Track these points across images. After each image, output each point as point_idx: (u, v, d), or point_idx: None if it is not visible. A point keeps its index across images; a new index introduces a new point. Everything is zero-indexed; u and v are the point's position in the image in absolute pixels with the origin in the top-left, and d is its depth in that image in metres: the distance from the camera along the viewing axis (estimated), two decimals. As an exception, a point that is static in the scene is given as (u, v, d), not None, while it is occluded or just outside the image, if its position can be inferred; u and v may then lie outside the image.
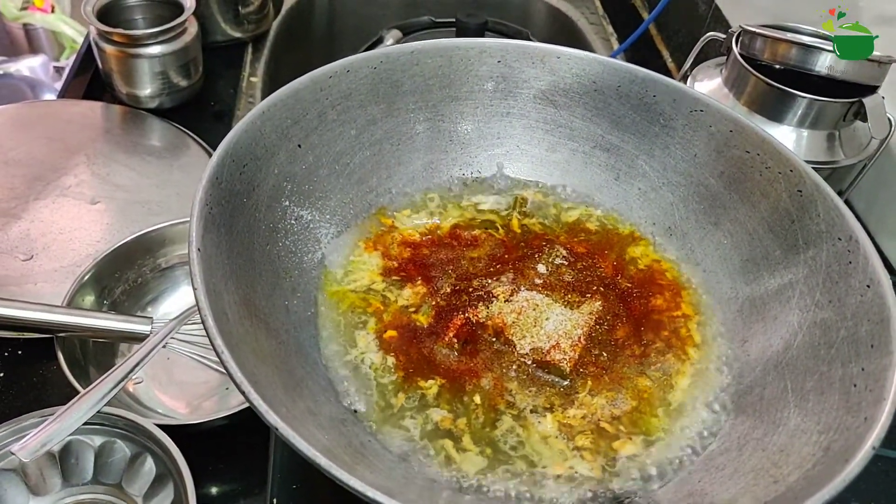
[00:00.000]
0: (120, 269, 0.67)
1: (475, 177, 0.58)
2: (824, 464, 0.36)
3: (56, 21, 1.50)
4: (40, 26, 1.51)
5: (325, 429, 0.39)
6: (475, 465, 0.41)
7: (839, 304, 0.44)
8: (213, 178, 0.42)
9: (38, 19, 1.49)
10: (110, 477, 0.55)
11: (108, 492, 0.55)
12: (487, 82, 0.56)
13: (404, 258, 0.51)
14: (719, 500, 0.38)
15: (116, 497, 0.55)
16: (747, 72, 0.67)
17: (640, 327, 0.49)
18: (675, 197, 0.55)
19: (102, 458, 0.55)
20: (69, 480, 0.54)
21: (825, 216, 0.46)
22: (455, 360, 0.46)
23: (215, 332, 0.35)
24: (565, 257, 0.52)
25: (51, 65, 1.46)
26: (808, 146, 0.66)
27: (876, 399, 0.37)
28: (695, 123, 0.53)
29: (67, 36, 1.50)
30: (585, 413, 0.44)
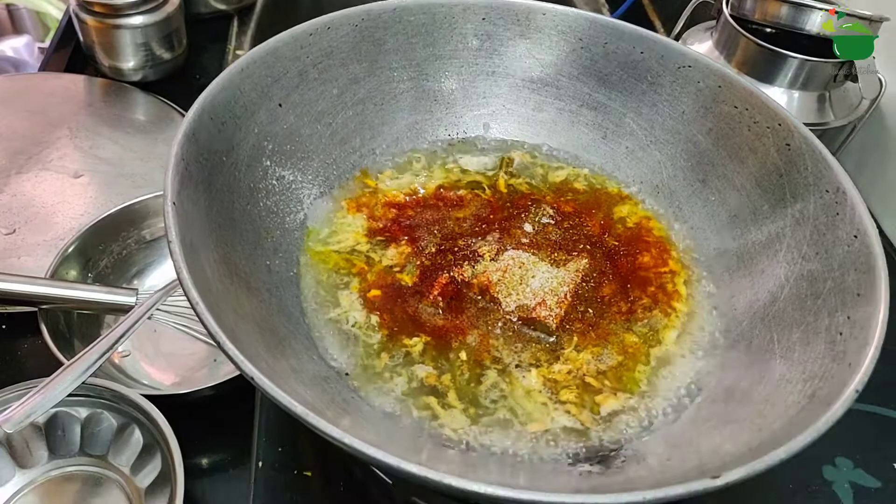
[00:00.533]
0: (104, 241, 0.67)
1: (461, 137, 0.58)
2: (809, 410, 0.36)
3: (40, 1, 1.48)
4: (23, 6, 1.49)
5: (307, 385, 0.39)
6: (460, 421, 0.41)
7: (826, 255, 0.43)
8: (190, 133, 0.41)
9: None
10: (97, 448, 0.54)
11: (95, 463, 0.54)
12: (472, 40, 0.55)
13: (389, 219, 0.51)
14: (704, 449, 0.38)
15: (104, 468, 0.54)
16: (738, 33, 0.66)
17: (627, 284, 0.48)
18: (662, 155, 0.54)
19: (89, 430, 0.54)
20: (56, 452, 0.54)
21: (813, 169, 0.46)
22: (440, 318, 0.45)
23: (190, 284, 0.34)
24: (552, 216, 0.52)
25: (35, 45, 1.44)
26: (798, 107, 0.66)
27: (860, 345, 0.37)
28: (682, 80, 0.53)
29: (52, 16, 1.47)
30: (571, 368, 0.44)
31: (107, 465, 0.54)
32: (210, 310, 0.34)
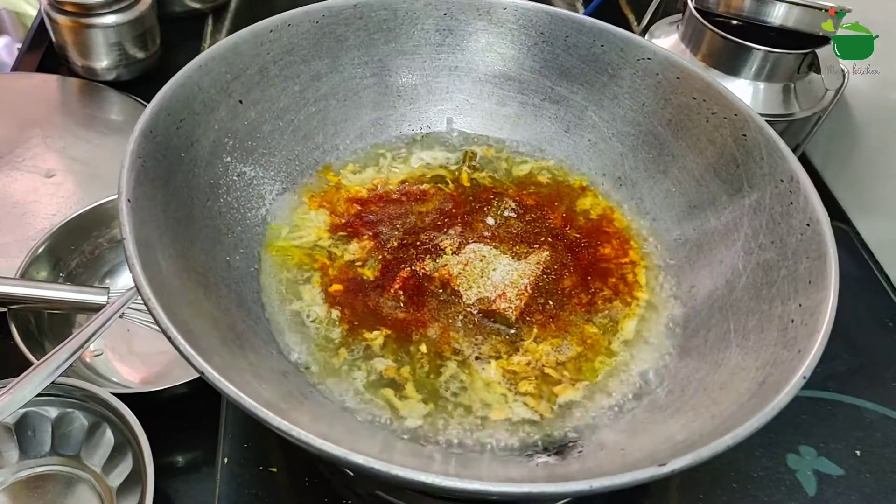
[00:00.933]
0: (75, 241, 0.66)
1: (424, 132, 0.58)
2: (759, 396, 0.36)
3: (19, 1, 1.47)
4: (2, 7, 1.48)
5: (265, 380, 0.39)
6: (418, 412, 0.41)
7: (781, 244, 0.44)
8: (146, 130, 0.41)
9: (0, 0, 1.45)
10: (69, 448, 0.54)
11: (66, 463, 0.54)
12: (434, 35, 0.55)
13: (351, 214, 0.51)
14: (660, 437, 0.38)
15: (75, 468, 0.54)
16: (703, 26, 0.67)
17: (588, 276, 0.49)
18: (624, 147, 0.55)
19: (60, 430, 0.54)
20: (26, 453, 0.54)
21: (768, 159, 0.46)
22: (401, 312, 0.46)
23: (143, 280, 0.34)
24: (514, 209, 0.52)
25: (15, 46, 1.43)
26: (764, 99, 0.66)
27: (810, 332, 0.37)
28: (642, 72, 0.53)
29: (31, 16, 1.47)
30: (530, 360, 0.44)
31: (78, 465, 0.54)
32: (163, 305, 0.34)
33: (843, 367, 0.55)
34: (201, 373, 0.32)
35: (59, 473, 0.54)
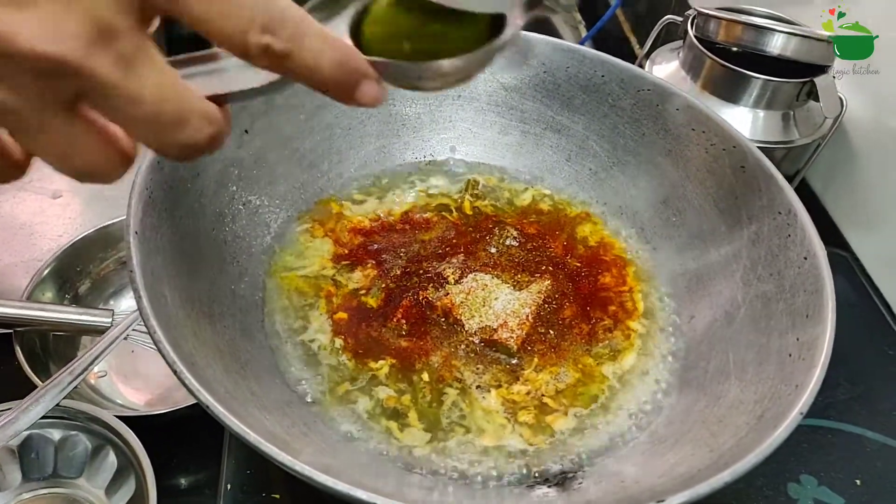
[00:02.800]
0: (81, 262, 0.67)
1: (428, 160, 0.58)
2: (756, 431, 0.36)
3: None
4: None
5: (268, 411, 0.40)
6: (420, 442, 0.42)
7: (779, 276, 0.44)
8: (154, 162, 0.42)
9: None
10: (71, 471, 0.54)
11: (69, 485, 0.55)
12: (438, 65, 0.56)
13: (355, 243, 0.51)
14: (657, 470, 0.39)
15: (77, 491, 0.55)
16: (702, 54, 0.67)
17: (588, 305, 0.49)
18: (625, 176, 0.55)
19: (63, 452, 0.54)
20: (29, 475, 0.54)
21: (766, 191, 0.47)
22: (403, 341, 0.46)
23: (149, 312, 0.35)
24: (516, 238, 0.53)
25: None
26: (763, 126, 0.67)
27: (807, 367, 0.38)
28: (643, 103, 0.54)
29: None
30: (530, 389, 0.44)
31: (80, 488, 0.54)
32: (168, 338, 0.35)
33: (843, 396, 0.55)
34: (206, 407, 0.33)
35: (61, 496, 0.54)
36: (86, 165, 0.26)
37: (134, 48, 0.24)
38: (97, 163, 0.26)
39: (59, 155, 0.25)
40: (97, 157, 0.26)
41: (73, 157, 0.25)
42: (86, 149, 0.25)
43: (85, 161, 0.26)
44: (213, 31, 0.25)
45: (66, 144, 0.25)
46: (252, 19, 0.25)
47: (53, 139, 0.25)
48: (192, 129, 0.25)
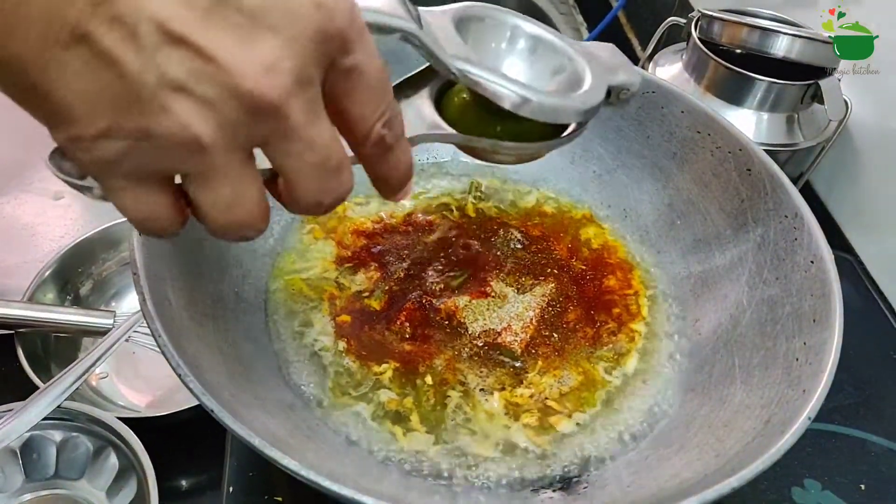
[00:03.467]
0: (83, 263, 0.67)
1: (430, 162, 0.58)
2: (763, 436, 0.36)
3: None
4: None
5: (272, 414, 0.39)
6: (423, 446, 0.41)
7: (785, 280, 0.44)
8: (157, 164, 0.42)
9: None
10: (73, 472, 0.54)
11: (70, 487, 0.54)
12: (442, 67, 0.56)
13: (357, 246, 0.51)
14: (663, 475, 0.39)
15: (79, 492, 0.54)
16: (706, 56, 0.67)
17: (593, 308, 0.49)
18: (629, 179, 0.55)
19: (64, 454, 0.54)
20: (31, 476, 0.54)
21: (772, 194, 0.46)
22: (407, 344, 0.46)
23: (153, 314, 0.35)
24: (520, 240, 0.52)
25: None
26: (767, 129, 0.67)
27: (814, 372, 0.37)
28: (647, 105, 0.53)
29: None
30: (533, 392, 0.44)
31: (82, 489, 0.54)
32: (172, 341, 0.35)
33: (847, 400, 0.55)
34: (211, 411, 0.33)
35: (63, 497, 0.54)
36: (245, 217, 0.26)
37: (318, 96, 0.24)
38: (254, 214, 0.26)
39: (226, 204, 0.25)
40: (255, 209, 0.26)
41: (236, 208, 0.25)
42: (249, 199, 0.25)
43: (245, 212, 0.25)
44: (352, 108, 0.26)
45: (235, 193, 0.25)
46: (384, 112, 0.26)
47: (227, 185, 0.24)
48: (345, 178, 0.26)
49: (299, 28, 0.23)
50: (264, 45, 0.22)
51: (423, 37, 0.29)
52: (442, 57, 0.30)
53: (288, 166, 0.25)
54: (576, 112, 0.33)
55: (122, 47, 0.21)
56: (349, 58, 0.25)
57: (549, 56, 0.35)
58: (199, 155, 0.23)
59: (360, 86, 0.25)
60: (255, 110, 0.23)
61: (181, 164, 0.24)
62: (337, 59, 0.24)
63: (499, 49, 0.35)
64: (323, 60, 0.24)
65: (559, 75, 0.35)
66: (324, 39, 0.24)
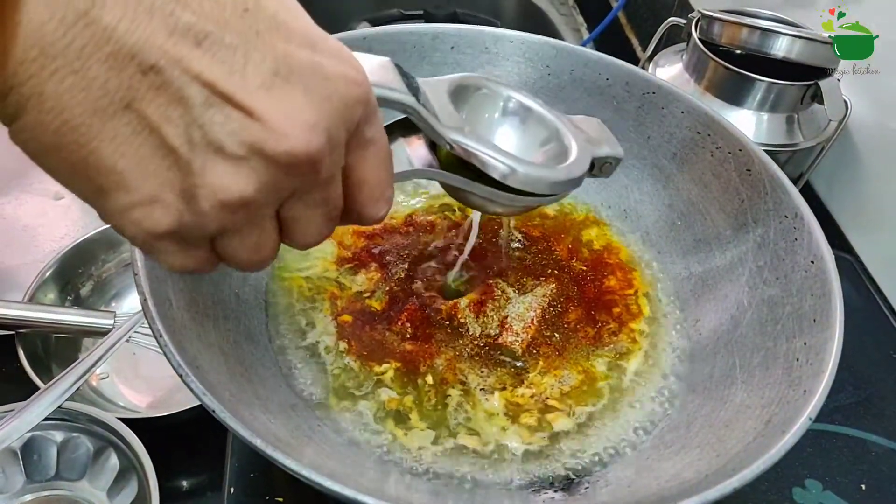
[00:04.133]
0: (83, 264, 0.67)
1: (431, 163, 0.58)
2: (764, 436, 0.36)
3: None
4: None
5: (273, 414, 0.39)
6: (423, 445, 0.41)
7: (785, 280, 0.44)
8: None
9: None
10: (74, 473, 0.54)
11: (71, 487, 0.55)
12: (441, 68, 0.56)
13: (358, 247, 0.51)
14: (665, 475, 0.39)
15: (80, 493, 0.54)
16: (706, 56, 0.67)
17: (593, 309, 0.49)
18: (629, 179, 0.55)
19: (65, 454, 0.54)
20: (31, 477, 0.54)
21: (772, 194, 0.47)
22: (408, 344, 0.46)
23: (154, 315, 0.35)
24: (520, 241, 0.52)
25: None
26: (767, 129, 0.67)
27: (815, 372, 0.37)
28: (647, 106, 0.54)
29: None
30: (534, 392, 0.44)
31: (82, 490, 0.54)
32: (174, 342, 0.35)
33: (848, 400, 0.55)
34: (213, 411, 0.33)
35: (63, 498, 0.54)
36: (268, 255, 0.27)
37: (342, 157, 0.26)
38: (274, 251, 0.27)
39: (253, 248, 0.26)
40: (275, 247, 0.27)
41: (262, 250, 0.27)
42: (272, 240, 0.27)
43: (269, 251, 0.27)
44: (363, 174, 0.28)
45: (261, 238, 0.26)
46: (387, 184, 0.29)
47: (256, 233, 0.26)
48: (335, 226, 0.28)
49: (331, 91, 0.24)
50: (304, 106, 0.23)
51: (421, 110, 0.30)
52: (437, 128, 0.31)
53: (299, 215, 0.26)
54: (560, 183, 0.35)
55: (170, 112, 0.22)
56: (369, 128, 0.26)
57: (539, 127, 0.38)
58: (241, 212, 0.24)
59: (374, 156, 0.27)
60: (295, 168, 0.24)
61: (223, 223, 0.24)
62: (360, 126, 0.26)
63: (492, 119, 0.37)
64: (350, 126, 0.25)
65: (547, 145, 0.37)
66: (351, 106, 0.25)
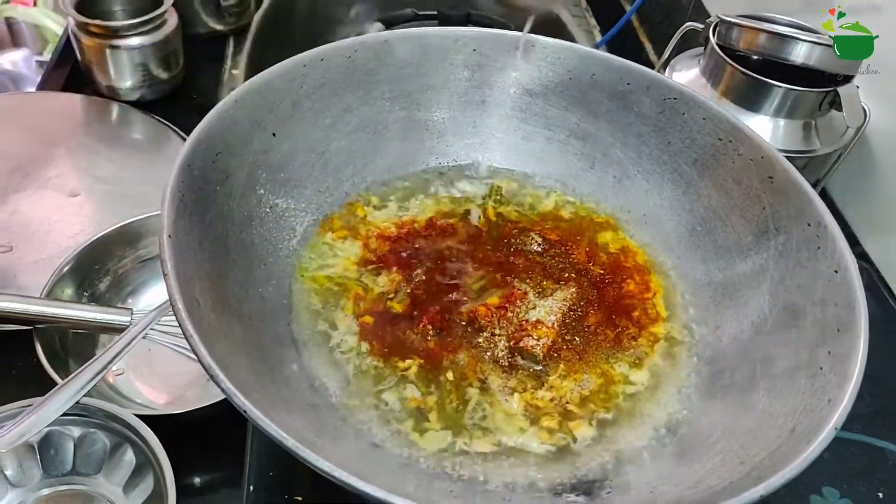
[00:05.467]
0: (100, 260, 0.67)
1: (451, 165, 0.58)
2: (788, 445, 0.36)
3: (38, 15, 1.48)
4: (22, 20, 1.49)
5: (297, 414, 0.40)
6: (441, 445, 0.42)
7: (808, 289, 0.44)
8: (185, 165, 0.42)
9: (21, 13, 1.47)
10: (90, 468, 0.55)
11: (87, 482, 0.55)
12: (462, 71, 0.56)
13: (380, 248, 0.52)
14: (687, 481, 0.39)
15: (96, 487, 0.55)
16: (724, 62, 0.67)
17: (613, 313, 0.49)
18: (649, 185, 0.55)
19: (82, 449, 0.55)
20: (48, 471, 0.54)
21: (795, 202, 0.47)
22: (429, 347, 0.46)
23: (184, 316, 0.35)
24: (540, 244, 0.53)
25: (34, 59, 1.45)
26: (784, 135, 0.67)
27: (840, 381, 0.38)
28: (668, 111, 0.54)
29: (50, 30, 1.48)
30: (554, 396, 0.44)
31: (99, 485, 0.55)
32: (204, 342, 0.35)
33: (866, 409, 0.55)
34: (244, 412, 0.33)
35: (79, 492, 0.54)
36: None
37: None
38: None
39: None
40: None
41: None
42: None
43: None
44: None
45: None
46: None
47: None
48: None
49: None
50: None
51: None
52: None
53: None
54: None
55: None
56: None
57: None
58: None
59: None
60: None
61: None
62: None
63: None
64: None
65: None
66: None
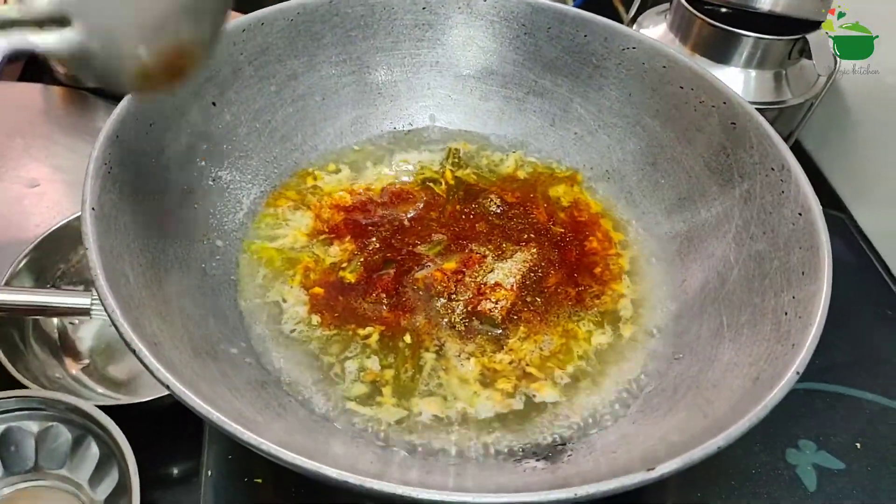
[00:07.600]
0: (59, 251, 0.65)
1: (407, 129, 0.56)
2: (752, 394, 0.35)
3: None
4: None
5: (240, 392, 0.38)
6: (397, 417, 0.40)
7: (773, 234, 0.42)
8: (112, 135, 0.40)
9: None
10: (54, 463, 0.53)
11: (51, 477, 0.53)
12: (413, 31, 0.54)
13: (332, 216, 0.50)
14: (650, 439, 0.37)
15: (61, 482, 0.53)
16: (691, 14, 0.65)
17: (575, 272, 0.47)
18: (611, 139, 0.53)
19: (44, 444, 0.53)
20: (10, 469, 0.53)
21: (758, 147, 0.45)
22: (383, 315, 0.44)
23: (106, 290, 0.33)
24: (499, 206, 0.51)
25: None
26: (755, 86, 0.65)
27: (804, 325, 0.36)
28: (628, 62, 0.52)
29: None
30: (513, 359, 0.43)
31: (64, 479, 0.53)
32: (127, 318, 0.33)
33: (841, 359, 0.54)
34: (167, 386, 0.31)
35: (44, 488, 0.53)
36: None
37: None
38: None
39: None
40: None
41: None
42: None
43: None
44: None
45: None
46: None
47: None
48: None
49: None
50: None
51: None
52: None
53: None
54: None
55: None
56: None
57: None
58: None
59: None
60: None
61: None
62: None
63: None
64: None
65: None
66: None
